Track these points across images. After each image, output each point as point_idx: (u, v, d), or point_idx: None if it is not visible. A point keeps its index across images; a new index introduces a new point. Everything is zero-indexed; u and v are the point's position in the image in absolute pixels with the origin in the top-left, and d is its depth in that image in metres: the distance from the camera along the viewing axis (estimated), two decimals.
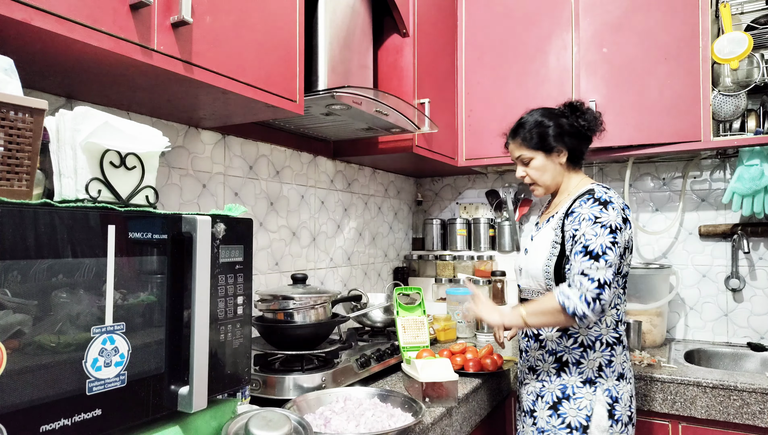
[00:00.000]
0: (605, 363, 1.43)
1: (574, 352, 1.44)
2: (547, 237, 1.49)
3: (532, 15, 2.27)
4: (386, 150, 2.07)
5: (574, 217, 1.41)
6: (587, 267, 1.33)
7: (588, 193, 1.44)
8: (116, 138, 0.86)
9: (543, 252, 1.48)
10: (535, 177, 1.55)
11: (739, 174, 2.08)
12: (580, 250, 1.36)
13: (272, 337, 1.49)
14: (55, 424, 0.69)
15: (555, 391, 1.45)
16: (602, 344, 1.44)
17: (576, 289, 1.32)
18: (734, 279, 2.21)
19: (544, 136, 1.52)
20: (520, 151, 1.55)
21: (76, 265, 0.73)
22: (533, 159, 1.54)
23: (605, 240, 1.34)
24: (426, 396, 1.39)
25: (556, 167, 1.54)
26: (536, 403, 1.48)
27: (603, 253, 1.33)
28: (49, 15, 0.83)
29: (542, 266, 1.47)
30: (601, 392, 1.41)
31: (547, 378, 1.47)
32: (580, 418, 1.40)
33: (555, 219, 1.50)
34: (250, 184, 1.79)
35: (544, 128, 1.52)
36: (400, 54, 2.00)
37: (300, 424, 0.97)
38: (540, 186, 1.56)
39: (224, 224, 0.95)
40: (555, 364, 1.47)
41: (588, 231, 1.36)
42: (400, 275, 2.70)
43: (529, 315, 1.40)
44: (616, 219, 1.37)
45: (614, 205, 1.39)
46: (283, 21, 1.33)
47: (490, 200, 2.72)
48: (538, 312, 1.39)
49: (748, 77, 1.97)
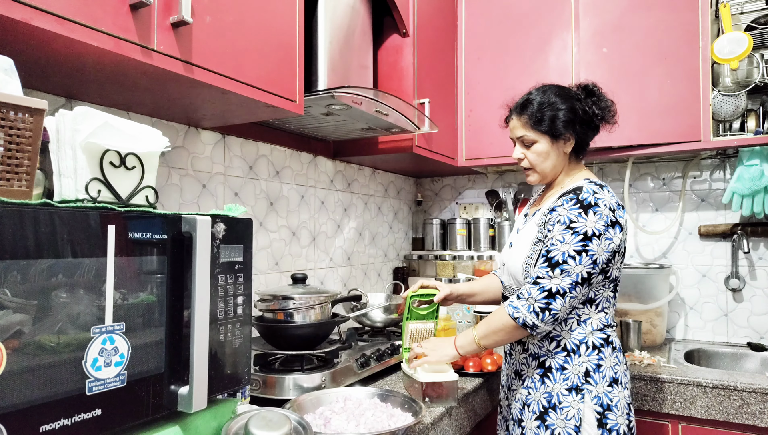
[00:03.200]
0: (593, 368, 1.32)
1: (557, 356, 1.34)
2: (531, 233, 1.40)
3: (532, 15, 2.27)
4: (386, 150, 2.07)
5: (553, 217, 1.32)
6: (542, 275, 1.28)
7: (574, 191, 1.33)
8: (116, 138, 0.86)
9: (524, 249, 1.39)
10: (534, 162, 1.42)
11: (739, 174, 2.08)
12: (542, 255, 1.30)
13: (272, 337, 1.49)
14: (55, 424, 0.69)
15: (541, 399, 1.35)
16: (588, 348, 1.33)
17: (524, 300, 1.28)
18: (734, 279, 2.21)
19: (554, 120, 1.37)
20: (524, 130, 1.40)
21: (76, 265, 0.73)
22: (537, 142, 1.39)
23: (570, 248, 1.26)
24: (426, 396, 1.38)
25: (560, 156, 1.41)
26: (523, 412, 1.39)
27: (563, 262, 1.26)
28: (49, 15, 0.83)
29: (521, 265, 1.38)
30: (590, 399, 1.30)
31: (533, 385, 1.37)
32: (569, 428, 1.30)
33: (540, 214, 1.40)
34: (250, 184, 1.79)
35: (555, 111, 1.37)
36: (400, 54, 2.00)
37: (300, 424, 0.97)
38: (537, 173, 1.43)
39: (224, 224, 0.95)
40: (539, 369, 1.37)
41: (556, 236, 1.29)
42: (400, 275, 2.70)
43: (481, 338, 1.34)
44: (595, 224, 1.27)
45: (598, 209, 1.28)
46: (283, 21, 1.33)
47: (490, 200, 2.72)
48: (489, 332, 1.33)
49: (748, 77, 1.97)
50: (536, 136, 1.39)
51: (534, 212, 1.46)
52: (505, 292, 1.52)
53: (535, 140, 1.40)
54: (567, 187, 1.39)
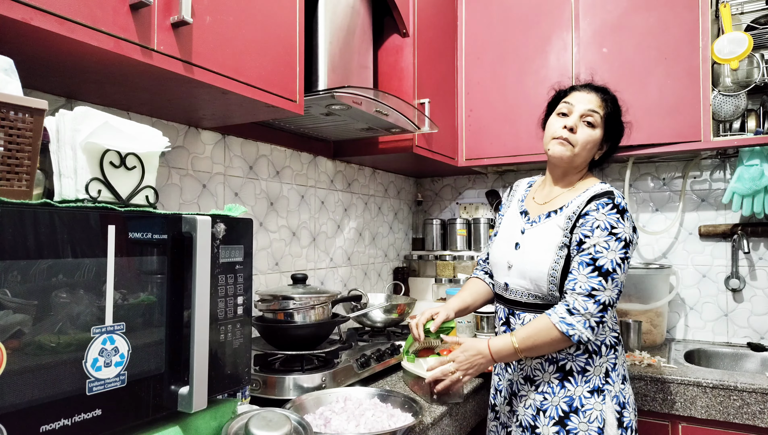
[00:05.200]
0: (611, 367, 1.33)
1: (578, 359, 1.32)
2: (552, 237, 1.33)
3: (531, 15, 2.27)
4: (386, 150, 2.07)
5: (587, 221, 1.28)
6: (596, 287, 1.23)
7: (607, 196, 1.30)
8: (116, 138, 0.86)
9: (547, 254, 1.33)
10: (583, 142, 1.35)
11: (739, 174, 2.08)
12: (587, 262, 1.25)
13: (272, 337, 1.49)
14: (55, 424, 0.69)
15: (560, 404, 1.32)
16: (607, 347, 1.34)
17: (580, 316, 1.23)
18: (734, 279, 2.21)
19: (619, 124, 1.40)
20: (599, 110, 1.36)
21: (76, 265, 0.73)
22: (596, 128, 1.36)
23: (617, 255, 1.24)
24: (434, 393, 1.39)
25: (593, 155, 1.40)
26: (537, 418, 1.34)
27: (613, 271, 1.24)
28: (49, 15, 0.83)
29: (547, 271, 1.31)
30: (610, 400, 1.31)
31: (549, 390, 1.33)
32: (592, 431, 1.28)
33: (561, 217, 1.34)
34: (250, 184, 1.79)
35: (616, 115, 1.40)
36: (400, 54, 2.00)
37: (300, 424, 0.97)
38: (574, 153, 1.35)
39: (224, 224, 0.95)
40: (557, 373, 1.33)
41: (600, 242, 1.25)
42: (400, 275, 2.70)
43: (523, 349, 1.27)
44: (629, 230, 1.28)
45: (628, 214, 1.29)
46: (283, 21, 1.33)
47: (490, 200, 2.72)
48: (534, 346, 1.26)
49: (748, 77, 1.97)
50: (600, 124, 1.37)
51: (547, 214, 1.38)
52: (511, 295, 1.41)
53: (597, 125, 1.37)
54: (590, 191, 1.34)
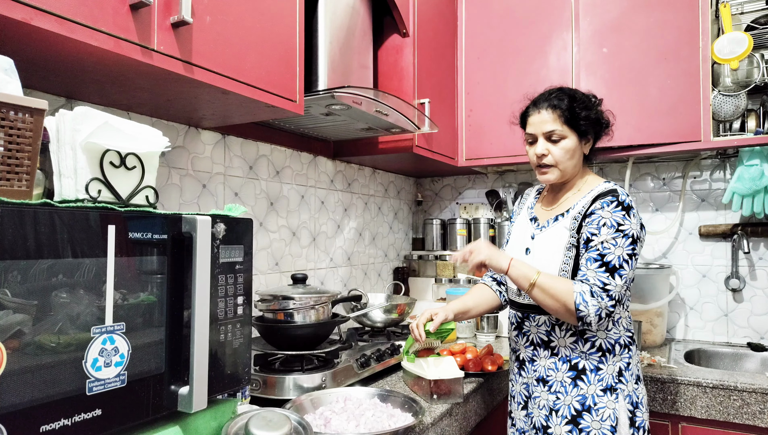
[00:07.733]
0: (624, 367, 1.34)
1: (591, 357, 1.34)
2: (560, 238, 1.36)
3: (532, 15, 2.27)
4: (386, 150, 2.07)
5: (593, 220, 1.30)
6: (605, 281, 1.25)
7: (611, 193, 1.32)
8: (116, 138, 0.86)
9: (556, 255, 1.35)
10: (560, 159, 1.37)
11: (739, 174, 2.08)
12: (595, 258, 1.27)
13: (272, 337, 1.49)
14: (55, 424, 0.69)
15: (573, 403, 1.33)
16: (621, 347, 1.35)
17: (596, 301, 1.25)
18: (734, 279, 2.21)
19: (587, 118, 1.37)
20: (554, 125, 1.37)
21: (76, 265, 0.73)
22: (566, 138, 1.37)
23: (624, 251, 1.26)
24: (434, 393, 1.40)
25: (580, 156, 1.41)
26: (550, 418, 1.36)
27: (620, 267, 1.26)
28: (49, 15, 0.83)
29: (557, 271, 1.34)
30: (623, 399, 1.32)
31: (562, 389, 1.35)
32: (605, 429, 1.29)
33: (568, 218, 1.37)
34: (250, 184, 1.79)
35: (588, 110, 1.37)
36: (400, 54, 2.00)
37: (300, 424, 0.97)
38: (559, 170, 1.39)
39: (224, 224, 0.95)
40: (570, 372, 1.35)
41: (608, 239, 1.27)
42: (400, 275, 2.70)
43: (538, 285, 1.29)
44: (636, 227, 1.29)
45: (633, 211, 1.30)
46: (283, 21, 1.33)
47: (490, 200, 2.72)
48: (548, 291, 1.28)
49: (748, 77, 1.97)
50: (566, 132, 1.37)
51: (554, 217, 1.41)
52: (525, 299, 1.43)
53: (565, 136, 1.37)
54: (594, 191, 1.37)
